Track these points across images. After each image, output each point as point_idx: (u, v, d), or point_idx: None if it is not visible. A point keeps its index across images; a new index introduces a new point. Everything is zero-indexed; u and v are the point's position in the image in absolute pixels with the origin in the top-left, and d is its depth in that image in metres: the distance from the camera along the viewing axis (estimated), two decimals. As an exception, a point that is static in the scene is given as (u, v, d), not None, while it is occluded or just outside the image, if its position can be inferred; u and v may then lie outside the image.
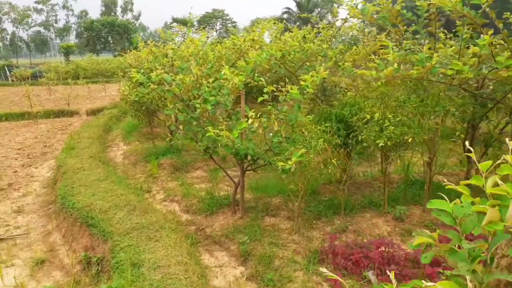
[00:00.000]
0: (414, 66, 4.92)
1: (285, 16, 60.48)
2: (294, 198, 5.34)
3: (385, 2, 5.70)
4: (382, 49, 12.73)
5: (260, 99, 5.36)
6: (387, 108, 4.98)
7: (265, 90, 5.47)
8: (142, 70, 8.28)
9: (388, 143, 4.72)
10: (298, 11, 64.34)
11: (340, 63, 8.45)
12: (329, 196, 6.32)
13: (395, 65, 4.70)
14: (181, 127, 5.54)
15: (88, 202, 5.94)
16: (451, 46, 5.88)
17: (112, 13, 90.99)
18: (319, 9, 68.20)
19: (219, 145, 5.03)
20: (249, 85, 6.92)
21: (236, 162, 5.64)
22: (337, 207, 5.93)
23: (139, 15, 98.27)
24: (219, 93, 5.54)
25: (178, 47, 9.66)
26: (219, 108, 5.73)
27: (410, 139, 4.72)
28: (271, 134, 5.05)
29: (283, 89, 5.41)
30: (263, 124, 4.91)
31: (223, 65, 7.71)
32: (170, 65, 9.52)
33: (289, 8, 65.38)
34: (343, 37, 10.62)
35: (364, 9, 6.15)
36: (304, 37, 8.94)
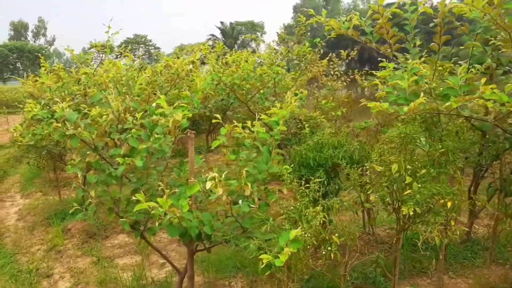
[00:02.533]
0: (442, 96, 3.44)
1: (210, 43, 59.53)
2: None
3: (381, 9, 4.24)
4: (325, 75, 11.63)
5: (215, 143, 3.56)
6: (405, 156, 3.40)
7: (222, 131, 3.68)
8: (43, 102, 6.03)
9: (417, 210, 3.10)
10: (223, 39, 63.98)
11: (296, 91, 6.97)
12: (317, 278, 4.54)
13: (421, 95, 3.16)
14: (93, 192, 3.50)
15: None
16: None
17: (23, 38, 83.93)
18: (242, 37, 68.36)
19: (157, 221, 3.08)
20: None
21: (182, 242, 3.71)
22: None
23: (54, 40, 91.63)
24: (152, 135, 3.62)
25: (94, 72, 7.52)
26: (154, 157, 3.79)
27: (448, 203, 3.14)
28: (240, 201, 3.21)
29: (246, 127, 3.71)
30: (231, 188, 3.07)
31: (155, 94, 5.80)
32: (82, 95, 7.37)
33: (213, 35, 64.77)
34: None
35: (346, 22, 4.66)
36: (246, 61, 7.34)
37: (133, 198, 3.03)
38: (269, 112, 4.05)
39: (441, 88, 3.58)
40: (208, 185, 2.94)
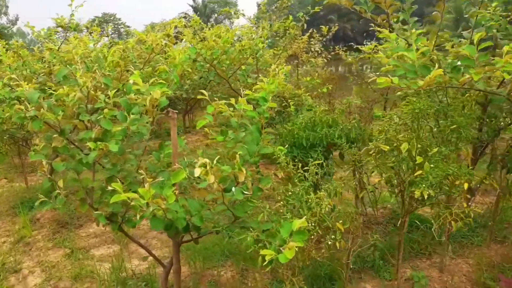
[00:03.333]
0: (452, 68, 3.10)
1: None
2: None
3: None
4: (305, 51, 11.21)
5: (201, 123, 3.17)
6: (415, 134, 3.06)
7: (209, 109, 3.28)
8: (3, 81, 5.37)
9: (431, 192, 2.80)
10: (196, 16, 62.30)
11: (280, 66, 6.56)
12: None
13: (437, 67, 2.81)
14: (61, 182, 3.03)
15: None
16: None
17: (-18, 17, 79.34)
18: (215, 16, 66.91)
19: (138, 214, 2.67)
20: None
21: (168, 235, 3.31)
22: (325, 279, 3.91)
23: (17, 19, 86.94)
24: (128, 116, 3.17)
25: (59, 49, 6.86)
26: (131, 140, 3.35)
27: (465, 185, 2.85)
28: (234, 188, 2.82)
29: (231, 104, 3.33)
30: (223, 173, 2.67)
31: (128, 71, 5.29)
32: (47, 73, 6.73)
33: (186, 13, 62.96)
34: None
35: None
36: (227, 31, 6.83)
37: (109, 188, 2.60)
38: (255, 88, 3.67)
39: (449, 60, 3.26)
40: (198, 172, 2.53)
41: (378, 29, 3.98)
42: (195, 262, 4.37)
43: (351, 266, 4.06)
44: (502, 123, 3.99)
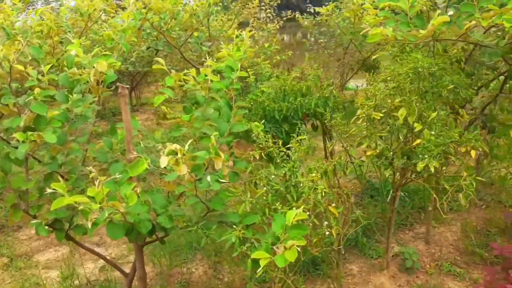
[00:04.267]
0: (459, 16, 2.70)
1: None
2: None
3: None
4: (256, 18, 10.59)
5: (159, 98, 2.62)
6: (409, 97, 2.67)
7: (168, 81, 2.71)
8: None
9: (436, 165, 2.43)
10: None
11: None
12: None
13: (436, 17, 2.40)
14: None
15: None
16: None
17: None
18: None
19: (89, 221, 2.08)
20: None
21: (128, 240, 2.73)
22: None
23: None
24: (70, 96, 2.52)
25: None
26: (73, 126, 2.70)
27: (472, 152, 2.51)
28: (208, 177, 2.29)
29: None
30: (196, 161, 2.13)
31: (62, 43, 4.51)
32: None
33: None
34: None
35: None
36: None
37: (49, 190, 2.00)
38: (219, 56, 3.14)
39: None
40: (164, 161, 1.98)
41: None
42: (160, 259, 3.83)
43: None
44: (482, 81, 3.72)
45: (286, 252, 1.89)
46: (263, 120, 3.70)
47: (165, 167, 2.09)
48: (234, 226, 2.30)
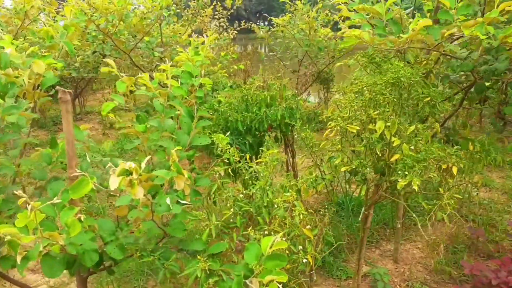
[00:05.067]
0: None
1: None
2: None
3: None
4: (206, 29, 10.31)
5: (108, 105, 2.28)
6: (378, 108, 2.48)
7: (120, 86, 2.36)
8: None
9: (418, 183, 2.24)
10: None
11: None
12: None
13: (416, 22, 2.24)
14: None
15: None
16: None
17: None
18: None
19: (18, 256, 1.68)
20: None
21: (69, 273, 2.30)
22: None
23: None
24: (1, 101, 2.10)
25: None
26: (3, 138, 2.26)
27: (454, 169, 2.36)
28: (168, 199, 1.95)
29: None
30: (155, 181, 1.79)
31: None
32: None
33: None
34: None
35: None
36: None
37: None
38: (176, 60, 2.84)
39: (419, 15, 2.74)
40: (115, 183, 1.62)
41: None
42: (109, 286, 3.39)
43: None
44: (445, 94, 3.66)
45: (264, 288, 1.60)
46: (228, 132, 3.44)
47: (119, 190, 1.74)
48: (197, 256, 1.97)
